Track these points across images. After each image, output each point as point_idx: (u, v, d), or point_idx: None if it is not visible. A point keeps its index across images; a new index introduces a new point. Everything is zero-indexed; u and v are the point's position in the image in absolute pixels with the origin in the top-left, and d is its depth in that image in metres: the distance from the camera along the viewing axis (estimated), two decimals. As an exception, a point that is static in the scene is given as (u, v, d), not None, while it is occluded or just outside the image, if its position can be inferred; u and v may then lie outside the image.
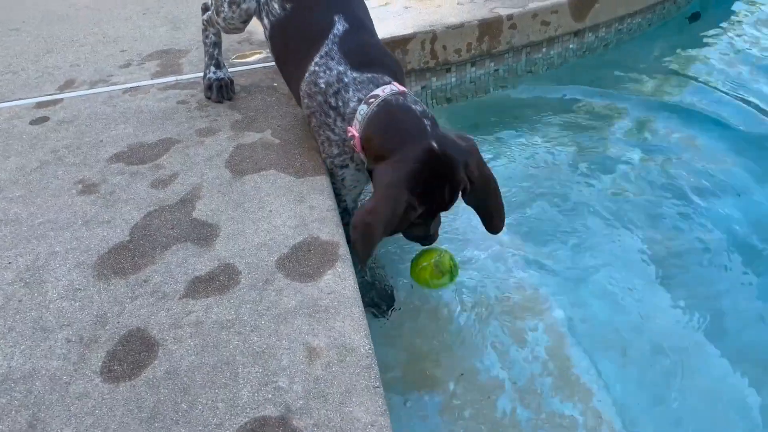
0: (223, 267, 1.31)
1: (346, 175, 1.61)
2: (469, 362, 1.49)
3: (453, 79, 2.54)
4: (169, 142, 1.76)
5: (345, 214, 1.67)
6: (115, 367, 1.10)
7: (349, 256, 1.33)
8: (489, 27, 2.43)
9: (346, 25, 1.57)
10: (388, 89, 1.41)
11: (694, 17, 3.19)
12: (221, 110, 1.90)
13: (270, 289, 1.24)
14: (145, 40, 2.48)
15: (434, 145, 1.30)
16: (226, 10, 1.81)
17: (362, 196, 1.75)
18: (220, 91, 1.94)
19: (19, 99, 2.06)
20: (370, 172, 1.40)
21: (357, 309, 1.18)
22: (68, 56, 2.37)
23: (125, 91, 2.06)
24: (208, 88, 1.95)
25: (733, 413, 1.41)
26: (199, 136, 1.78)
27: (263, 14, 1.77)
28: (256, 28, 2.48)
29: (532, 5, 2.50)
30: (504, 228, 1.48)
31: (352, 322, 1.15)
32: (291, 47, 1.66)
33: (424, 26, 2.38)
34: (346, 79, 1.48)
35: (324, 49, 1.54)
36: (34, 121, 1.91)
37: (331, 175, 1.61)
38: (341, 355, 1.09)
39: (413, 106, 1.38)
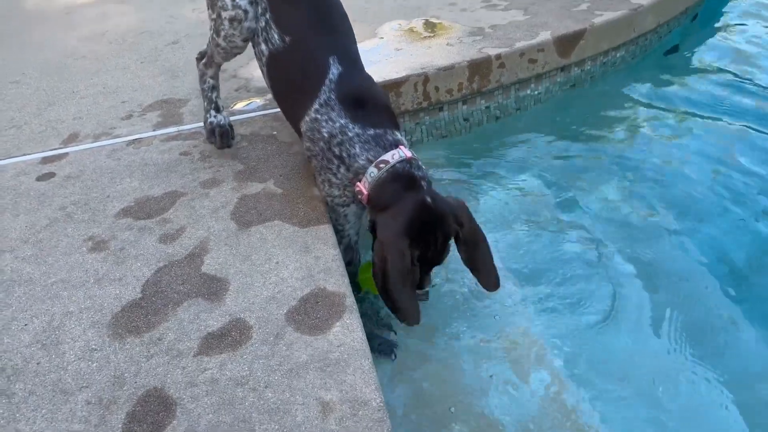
0: (234, 322, 1.35)
1: (348, 212, 1.70)
2: (476, 404, 1.53)
3: (446, 117, 2.61)
4: (175, 195, 1.81)
5: (349, 250, 1.74)
6: (136, 429, 1.14)
7: (355, 306, 1.37)
8: (479, 67, 2.51)
9: (341, 68, 1.64)
10: (396, 156, 1.52)
11: (673, 49, 3.29)
12: (224, 161, 1.96)
13: (281, 344, 1.29)
14: (144, 89, 2.54)
15: (427, 198, 1.46)
16: (227, 27, 1.82)
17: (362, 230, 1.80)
18: (223, 138, 1.99)
19: (25, 154, 2.11)
20: (373, 223, 1.50)
21: (366, 361, 1.23)
22: (70, 109, 2.42)
23: (129, 143, 2.11)
24: (211, 133, 2.00)
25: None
26: (203, 187, 1.83)
27: (261, 39, 1.80)
28: (252, 73, 2.56)
29: (519, 44, 2.58)
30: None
31: (362, 375, 1.20)
32: (289, 84, 1.74)
33: (416, 69, 2.45)
34: (350, 134, 1.57)
35: (322, 97, 1.62)
36: (41, 177, 1.96)
37: (332, 210, 1.69)
38: (354, 409, 1.13)
39: (416, 173, 1.52)
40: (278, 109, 2.21)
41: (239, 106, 2.31)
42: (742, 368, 1.66)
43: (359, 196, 1.57)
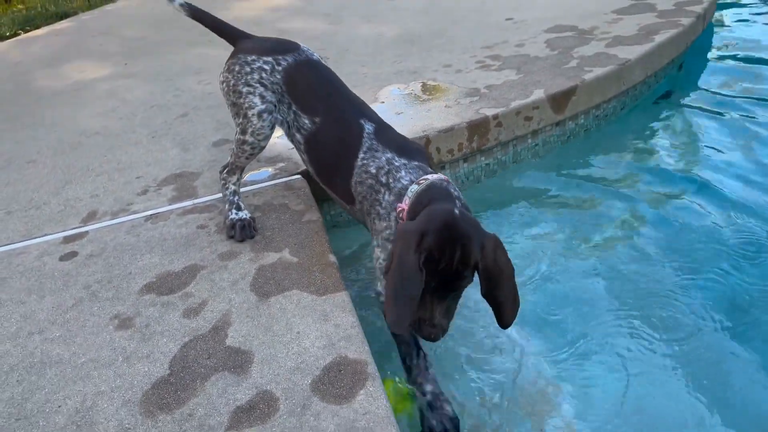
0: (261, 394, 1.40)
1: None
2: None
3: (447, 175, 2.70)
4: (195, 268, 1.88)
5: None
6: (174, 507, 1.17)
7: (378, 373, 1.42)
8: (477, 127, 2.62)
9: (374, 125, 1.83)
10: (436, 176, 1.63)
11: (666, 95, 3.42)
12: (239, 232, 2.04)
13: (308, 414, 1.33)
14: (157, 164, 2.64)
15: (456, 211, 1.45)
16: (255, 122, 1.95)
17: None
18: (243, 230, 2.00)
19: (46, 234, 2.19)
20: None
21: (392, 428, 1.27)
22: (87, 186, 2.52)
23: (146, 218, 2.20)
24: (231, 227, 2.01)
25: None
26: (221, 260, 1.91)
27: (293, 131, 1.98)
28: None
29: (514, 104, 2.70)
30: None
31: (389, 443, 1.24)
32: (330, 152, 1.88)
33: (417, 132, 2.56)
34: (396, 163, 1.72)
35: (365, 145, 1.79)
36: (64, 257, 2.03)
37: (384, 250, 1.72)
38: (384, 478, 1.17)
39: (452, 190, 1.59)
40: (289, 178, 2.32)
41: (250, 175, 2.40)
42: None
43: (400, 216, 1.61)
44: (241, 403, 1.38)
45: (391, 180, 1.70)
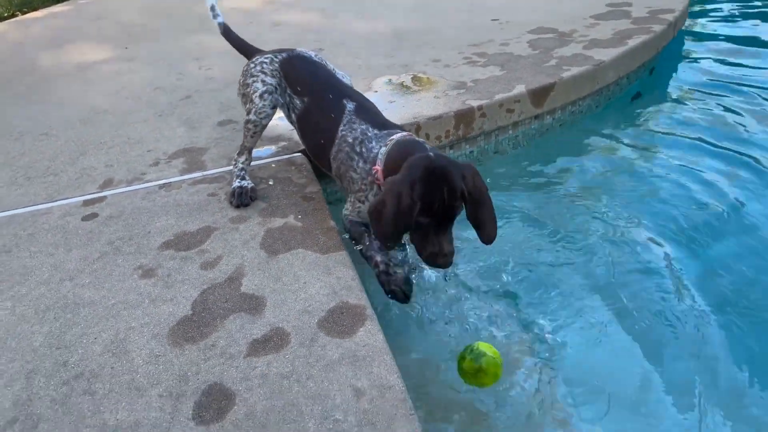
0: (274, 330, 1.62)
1: (362, 209, 1.98)
2: None
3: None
4: (208, 230, 2.09)
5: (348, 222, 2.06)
6: (204, 414, 1.39)
7: (374, 315, 1.65)
8: (463, 116, 2.86)
9: (355, 104, 2.09)
10: (399, 134, 1.89)
11: (636, 96, 3.70)
12: (248, 200, 2.25)
13: (316, 345, 1.56)
14: (166, 140, 2.84)
15: (433, 156, 1.68)
16: (258, 102, 2.22)
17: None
18: (240, 196, 2.21)
19: (66, 198, 2.38)
20: None
21: (388, 356, 1.51)
22: (101, 157, 2.71)
23: (160, 187, 2.40)
24: (232, 194, 2.23)
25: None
26: (232, 223, 2.12)
27: (290, 112, 2.28)
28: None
29: (498, 96, 2.95)
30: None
31: (386, 367, 1.47)
32: (318, 127, 2.14)
33: (408, 118, 2.79)
34: (369, 134, 1.96)
35: (345, 120, 2.04)
36: (85, 218, 2.23)
37: (352, 204, 2.01)
38: (381, 393, 1.40)
39: (418, 140, 1.86)
40: (291, 155, 2.54)
41: (254, 151, 2.60)
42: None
43: (376, 178, 1.85)
44: (257, 337, 1.60)
45: (364, 150, 1.95)
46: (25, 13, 6.24)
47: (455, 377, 1.73)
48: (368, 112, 2.08)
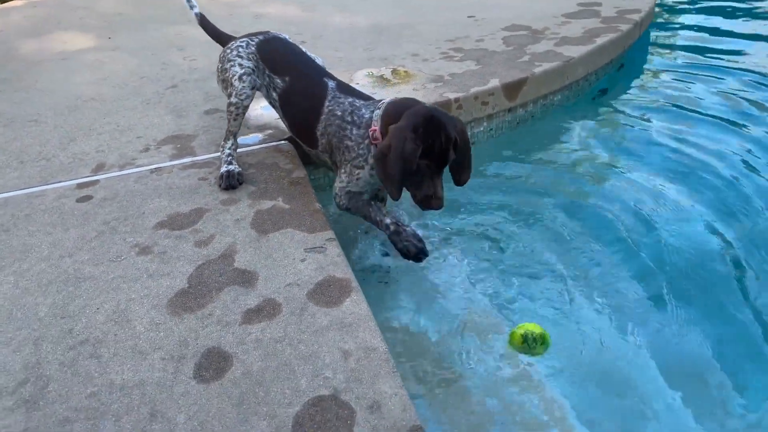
0: (267, 301, 1.75)
1: (361, 174, 2.16)
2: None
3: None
4: (201, 211, 2.21)
5: (346, 195, 2.22)
6: (204, 374, 1.52)
7: (360, 287, 1.80)
8: (441, 108, 3.01)
9: (335, 82, 2.27)
10: (389, 98, 2.15)
11: (603, 92, 3.90)
12: (237, 184, 2.37)
13: (306, 314, 1.70)
14: (155, 127, 2.93)
15: (430, 107, 1.96)
16: (237, 85, 2.37)
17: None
18: (228, 179, 2.32)
19: (60, 182, 2.47)
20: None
21: (372, 323, 1.65)
22: (91, 143, 2.80)
23: (151, 171, 2.50)
24: (221, 178, 2.34)
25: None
26: (223, 205, 2.24)
27: (270, 91, 2.41)
28: (249, 113, 3.00)
29: (473, 90, 3.11)
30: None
31: (371, 332, 1.62)
32: (300, 103, 2.31)
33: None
34: (357, 104, 2.15)
35: (329, 96, 2.22)
36: (80, 200, 2.33)
37: (350, 175, 2.17)
38: (367, 353, 1.55)
39: (409, 98, 2.11)
40: (278, 142, 2.66)
41: (241, 139, 2.72)
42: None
43: (374, 138, 2.05)
44: (250, 307, 1.74)
45: (356, 118, 2.14)
46: (4, 2, 6.22)
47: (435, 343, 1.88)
48: (350, 89, 2.29)
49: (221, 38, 2.67)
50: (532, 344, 1.95)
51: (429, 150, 1.89)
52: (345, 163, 2.20)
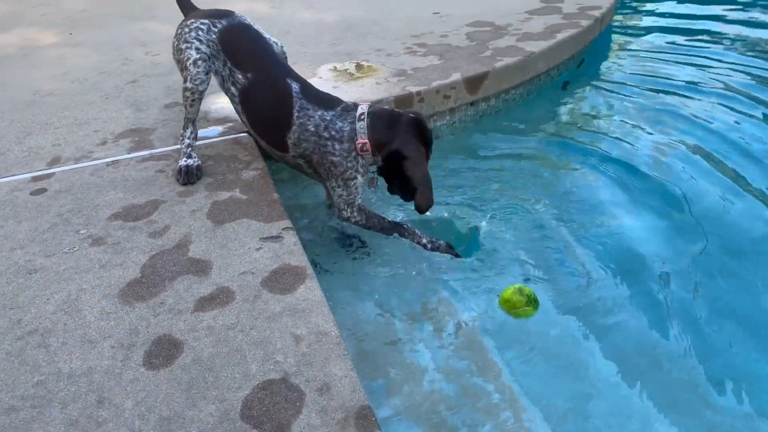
0: (220, 289, 1.75)
1: (357, 184, 2.23)
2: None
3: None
4: (156, 202, 2.19)
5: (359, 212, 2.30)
6: (153, 360, 1.51)
7: (314, 274, 1.80)
8: (403, 101, 3.03)
9: (299, 84, 2.26)
10: (364, 106, 2.20)
11: (565, 85, 3.96)
12: (195, 176, 2.36)
13: (260, 301, 1.70)
14: (113, 121, 2.90)
15: (418, 114, 2.22)
16: (192, 70, 2.33)
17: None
18: (187, 175, 2.30)
19: (14, 175, 2.43)
20: (385, 160, 2.18)
21: (325, 309, 1.66)
22: (48, 137, 2.75)
23: (108, 164, 2.47)
24: (179, 172, 2.32)
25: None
26: (180, 196, 2.23)
27: (228, 84, 2.37)
28: (210, 106, 2.98)
29: (435, 83, 3.13)
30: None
31: (323, 317, 1.62)
32: (264, 106, 2.30)
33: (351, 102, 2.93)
34: (328, 117, 2.16)
35: (297, 105, 2.21)
36: (34, 192, 2.29)
37: (347, 187, 2.23)
38: (318, 338, 1.56)
39: (384, 108, 2.27)
40: (236, 135, 2.65)
41: (201, 132, 2.71)
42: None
43: (365, 150, 2.16)
44: (203, 295, 1.73)
45: (333, 132, 2.15)
46: (-38, -3, 6.08)
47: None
48: (311, 94, 2.26)
49: (184, 5, 2.61)
50: (525, 297, 2.07)
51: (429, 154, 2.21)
52: (336, 177, 2.22)
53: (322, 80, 3.25)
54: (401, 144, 2.13)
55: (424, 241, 2.31)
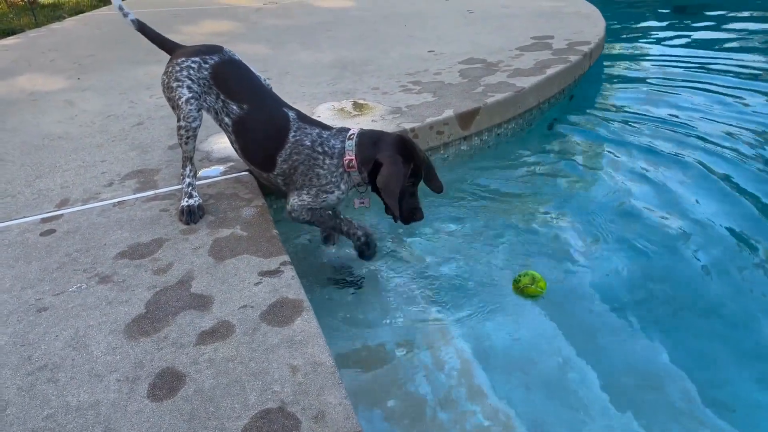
0: (221, 323, 1.83)
1: (328, 198, 2.35)
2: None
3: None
4: (160, 241, 2.29)
5: (307, 212, 2.40)
6: (157, 392, 1.59)
7: (311, 307, 1.88)
8: (397, 138, 3.14)
9: (295, 113, 2.40)
10: (356, 128, 2.36)
11: (553, 122, 4.08)
12: (197, 214, 2.46)
13: (258, 333, 1.78)
14: (120, 162, 3.02)
15: (402, 135, 2.34)
16: (185, 108, 2.41)
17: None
18: (190, 215, 2.40)
19: (24, 217, 2.54)
20: (369, 176, 2.30)
21: (321, 340, 1.73)
22: (56, 180, 2.87)
23: (114, 204, 2.58)
24: (182, 212, 2.41)
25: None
26: (183, 234, 2.32)
27: (222, 116, 2.47)
28: (212, 147, 3.10)
29: (428, 120, 3.25)
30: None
31: (319, 348, 1.70)
32: (261, 134, 2.40)
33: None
34: (324, 135, 2.31)
35: (294, 127, 2.34)
36: (44, 233, 2.39)
37: (316, 197, 2.34)
38: (314, 368, 1.63)
39: (375, 129, 2.37)
40: (238, 174, 2.76)
41: (203, 171, 2.82)
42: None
43: (351, 166, 2.28)
44: (205, 329, 1.81)
45: (327, 149, 2.30)
46: (-26, 44, 6.31)
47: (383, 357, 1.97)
48: (309, 119, 2.42)
49: (165, 44, 2.64)
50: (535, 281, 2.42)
51: (413, 173, 2.26)
52: (310, 187, 2.33)
53: (321, 118, 3.34)
54: (380, 158, 2.23)
55: (359, 233, 2.51)
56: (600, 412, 1.95)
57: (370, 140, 2.29)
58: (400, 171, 2.19)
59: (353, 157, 2.27)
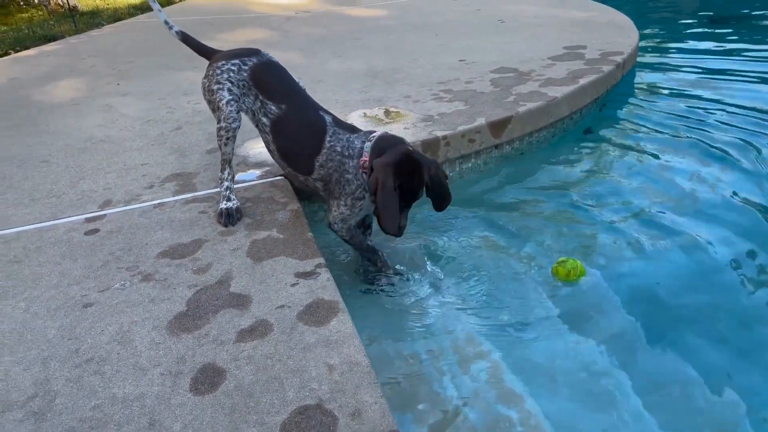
0: (259, 322, 1.88)
1: (363, 205, 2.38)
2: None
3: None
4: (200, 242, 2.36)
5: (347, 230, 2.47)
6: (199, 387, 1.64)
7: (346, 308, 1.92)
8: (430, 145, 3.19)
9: (331, 117, 2.46)
10: (380, 131, 2.38)
11: (588, 131, 4.08)
12: (235, 217, 2.53)
13: (295, 333, 1.82)
14: (159, 166, 3.11)
15: (410, 149, 2.25)
16: (225, 109, 2.47)
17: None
18: (228, 217, 2.46)
19: (69, 216, 2.63)
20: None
21: (357, 340, 1.77)
22: (99, 181, 2.97)
23: (155, 206, 2.66)
24: (220, 215, 2.48)
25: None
26: (221, 236, 2.39)
27: (260, 116, 2.53)
28: (248, 152, 3.18)
29: (460, 128, 3.29)
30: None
31: (355, 348, 1.74)
32: (297, 133, 2.46)
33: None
34: (351, 137, 2.37)
35: (330, 131, 2.40)
36: (88, 233, 2.48)
37: (352, 207, 2.38)
38: (350, 367, 1.67)
39: (398, 136, 2.35)
40: (274, 178, 2.82)
41: (240, 175, 2.89)
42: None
43: (364, 167, 2.28)
44: (244, 327, 1.86)
45: (351, 151, 2.34)
46: (18, 51, 6.52)
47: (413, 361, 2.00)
48: (344, 124, 2.47)
49: (206, 52, 2.74)
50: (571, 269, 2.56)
51: (402, 186, 2.20)
52: (345, 196, 2.37)
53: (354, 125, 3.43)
54: (374, 162, 2.23)
55: (379, 265, 2.55)
56: (634, 417, 1.95)
57: (381, 144, 2.30)
58: (386, 179, 2.14)
59: (367, 159, 2.30)
